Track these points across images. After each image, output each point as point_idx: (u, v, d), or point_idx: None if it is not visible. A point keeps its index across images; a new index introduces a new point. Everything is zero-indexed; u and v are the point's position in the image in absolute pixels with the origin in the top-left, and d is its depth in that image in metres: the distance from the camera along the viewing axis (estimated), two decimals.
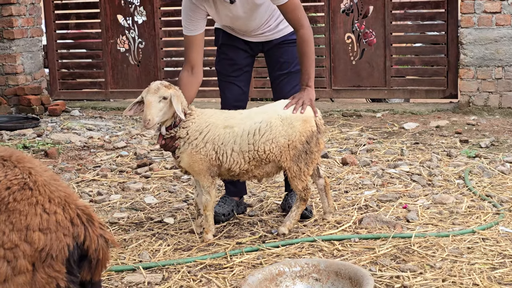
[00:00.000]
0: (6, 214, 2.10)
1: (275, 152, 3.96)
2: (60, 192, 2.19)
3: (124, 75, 9.34)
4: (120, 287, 3.47)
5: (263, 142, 3.95)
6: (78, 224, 2.15)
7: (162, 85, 3.92)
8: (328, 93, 8.76)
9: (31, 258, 2.07)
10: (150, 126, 3.85)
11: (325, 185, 4.32)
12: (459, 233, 3.98)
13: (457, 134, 6.76)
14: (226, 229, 4.27)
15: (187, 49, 4.22)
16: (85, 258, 2.16)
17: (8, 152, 2.27)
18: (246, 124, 3.98)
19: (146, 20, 9.12)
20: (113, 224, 4.44)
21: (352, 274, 3.24)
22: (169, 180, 5.49)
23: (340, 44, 8.58)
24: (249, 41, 4.41)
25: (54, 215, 2.13)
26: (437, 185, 5.00)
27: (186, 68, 4.21)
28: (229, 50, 4.45)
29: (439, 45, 8.45)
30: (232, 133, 3.97)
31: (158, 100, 3.87)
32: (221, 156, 3.97)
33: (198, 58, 4.22)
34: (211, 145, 3.96)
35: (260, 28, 4.31)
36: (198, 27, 4.19)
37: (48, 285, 2.08)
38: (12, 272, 2.05)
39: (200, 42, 4.22)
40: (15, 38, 8.71)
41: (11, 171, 2.19)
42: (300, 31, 4.11)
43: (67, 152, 6.58)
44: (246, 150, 3.95)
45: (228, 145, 3.96)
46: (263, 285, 3.23)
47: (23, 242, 2.07)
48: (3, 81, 8.83)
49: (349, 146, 6.41)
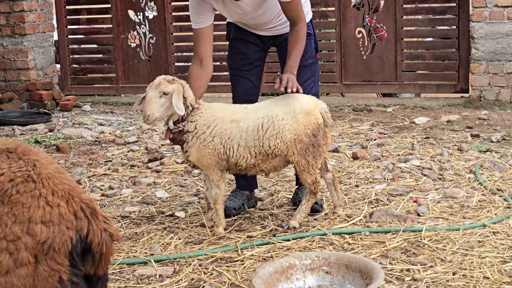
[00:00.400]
0: (9, 206, 2.11)
1: (281, 147, 3.96)
2: (64, 185, 2.20)
3: (135, 70, 9.36)
4: (132, 280, 3.49)
5: (267, 138, 3.94)
6: (81, 218, 2.15)
7: (165, 80, 3.90)
8: (339, 88, 8.75)
9: (33, 250, 2.08)
10: (150, 121, 3.84)
11: (333, 179, 4.32)
12: (469, 227, 3.98)
13: (468, 128, 6.75)
14: (237, 223, 4.29)
15: (196, 42, 4.23)
16: (89, 251, 2.16)
17: (15, 144, 2.28)
18: (250, 119, 3.99)
19: (157, 15, 9.15)
20: (124, 218, 4.46)
21: (363, 267, 3.25)
22: (180, 175, 5.51)
23: (351, 38, 8.57)
24: (261, 35, 4.41)
25: (57, 208, 2.13)
26: (448, 179, 5.00)
27: (195, 62, 4.22)
28: (240, 44, 4.45)
29: (450, 40, 8.42)
30: (238, 128, 3.97)
31: (158, 95, 3.86)
32: (228, 151, 3.98)
33: (207, 51, 4.22)
34: (218, 139, 3.97)
35: (271, 22, 4.31)
36: (205, 20, 4.19)
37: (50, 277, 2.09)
38: (14, 264, 2.06)
39: (208, 35, 4.22)
40: (26, 33, 8.75)
41: (15, 163, 2.19)
42: (299, 24, 4.12)
43: (79, 146, 6.61)
44: (252, 145, 3.96)
45: (235, 140, 3.97)
46: (273, 278, 3.25)
47: (25, 234, 2.08)
48: (15, 77, 8.88)
49: (359, 140, 6.41)
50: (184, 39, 9.30)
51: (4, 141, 2.32)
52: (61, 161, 6.02)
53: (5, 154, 2.23)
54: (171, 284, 3.41)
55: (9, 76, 8.90)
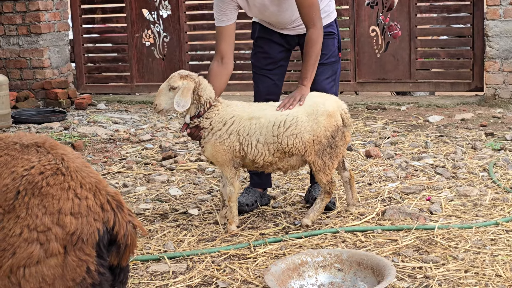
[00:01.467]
0: (40, 198, 2.16)
1: (299, 147, 3.98)
2: (91, 178, 2.25)
3: (149, 69, 9.40)
4: (146, 276, 3.52)
5: (287, 136, 3.97)
6: (108, 210, 2.21)
7: (178, 75, 4.03)
8: (353, 86, 8.75)
9: (62, 241, 2.13)
10: (157, 111, 4.05)
11: (350, 178, 4.33)
12: (482, 225, 3.98)
13: (482, 127, 6.73)
14: (249, 220, 4.31)
15: (218, 40, 4.25)
16: (114, 243, 2.21)
17: (42, 139, 2.34)
18: (272, 115, 4.01)
19: (171, 14, 9.18)
20: (138, 215, 4.49)
21: (374, 264, 3.26)
22: (194, 172, 5.54)
23: (364, 37, 8.56)
24: (286, 34, 4.42)
25: (85, 200, 2.18)
26: (461, 177, 4.99)
27: (216, 59, 4.25)
28: (264, 44, 4.47)
29: (464, 38, 8.39)
30: (259, 124, 4.00)
31: (167, 88, 4.01)
32: (245, 147, 4.00)
33: (229, 49, 4.25)
34: (235, 136, 4.00)
35: (295, 21, 4.31)
36: (229, 18, 4.22)
37: (78, 267, 2.13)
38: (45, 254, 2.11)
39: (231, 33, 4.25)
40: (42, 32, 8.82)
41: (44, 157, 2.25)
42: (310, 30, 4.12)
43: (93, 145, 6.66)
44: (270, 142, 3.98)
45: (254, 136, 3.99)
46: (285, 274, 3.27)
47: (55, 225, 2.13)
48: (30, 75, 8.95)
49: (373, 139, 6.41)
50: (198, 38, 9.34)
51: (31, 135, 2.39)
52: None
53: (34, 148, 2.29)
54: (184, 280, 3.44)
55: (25, 75, 8.98)
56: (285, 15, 4.26)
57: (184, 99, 3.95)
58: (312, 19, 4.10)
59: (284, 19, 4.29)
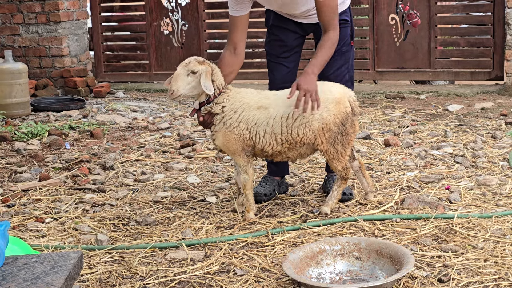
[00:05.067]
0: None
1: (309, 136, 3.96)
2: None
3: (168, 58, 9.41)
4: (164, 263, 3.53)
5: (296, 126, 3.94)
6: None
7: (195, 60, 3.98)
8: (371, 75, 8.70)
9: None
10: (174, 97, 3.94)
11: (360, 166, 4.32)
12: (502, 214, 3.94)
13: (503, 116, 6.67)
14: (267, 208, 4.31)
15: (231, 29, 4.24)
16: None
17: None
18: (280, 106, 3.98)
19: (190, 2, 9.17)
20: (156, 203, 4.51)
21: (393, 253, 3.25)
22: (212, 161, 5.54)
23: (383, 25, 8.51)
24: (301, 22, 4.39)
25: None
26: (480, 166, 4.95)
27: (228, 48, 4.23)
28: (279, 32, 4.44)
29: (485, 26, 8.31)
30: (267, 114, 3.97)
31: (186, 73, 3.94)
32: (254, 137, 3.99)
33: (241, 39, 4.23)
34: (244, 124, 3.98)
35: (311, 10, 4.27)
36: (244, 8, 4.19)
37: None
38: None
39: (245, 23, 4.23)
40: (61, 20, 8.85)
41: None
42: (330, 32, 4.04)
43: (112, 132, 6.68)
44: (279, 133, 3.96)
45: (261, 126, 3.97)
46: (303, 262, 3.26)
47: None
48: (49, 64, 8.99)
49: (392, 127, 6.38)
50: (217, 26, 9.32)
51: None
52: (95, 146, 6.10)
53: None
54: (202, 267, 3.45)
55: (44, 63, 9.02)
56: (302, 7, 4.23)
57: (209, 82, 3.95)
58: (331, 22, 4.04)
59: (300, 10, 4.25)
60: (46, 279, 2.34)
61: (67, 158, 5.61)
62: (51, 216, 4.32)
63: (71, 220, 4.25)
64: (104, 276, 3.39)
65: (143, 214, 4.29)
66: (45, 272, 2.41)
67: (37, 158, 5.67)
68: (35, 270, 2.43)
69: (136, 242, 3.83)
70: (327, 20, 4.05)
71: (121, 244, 3.79)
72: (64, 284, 2.33)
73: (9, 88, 7.59)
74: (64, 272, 2.39)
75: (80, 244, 3.83)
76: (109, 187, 4.90)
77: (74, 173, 5.22)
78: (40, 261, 2.51)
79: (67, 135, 6.53)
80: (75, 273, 2.47)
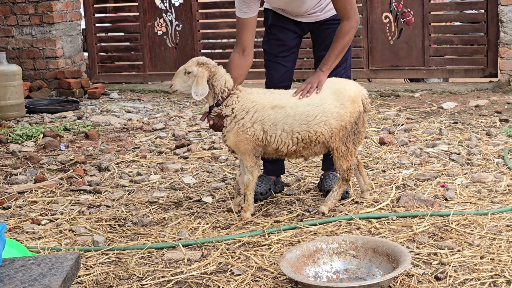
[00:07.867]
0: None
1: (326, 134, 3.97)
2: None
3: (162, 58, 9.41)
4: (161, 264, 3.53)
5: (316, 124, 3.95)
6: None
7: (196, 60, 4.07)
8: (366, 73, 8.71)
9: None
10: (171, 91, 4.13)
11: (357, 164, 4.33)
12: (498, 211, 3.95)
13: (497, 113, 6.69)
14: (264, 208, 4.31)
15: (240, 31, 4.23)
16: None
17: None
18: (298, 104, 3.98)
19: (183, 2, 9.17)
20: (152, 204, 4.50)
21: (390, 251, 3.25)
22: (207, 161, 5.54)
23: (377, 24, 8.52)
24: (300, 21, 4.40)
25: None
26: (476, 164, 4.97)
27: (237, 50, 4.23)
28: (278, 31, 4.44)
29: (478, 24, 8.33)
30: (284, 112, 3.97)
31: (183, 71, 4.06)
32: (269, 137, 3.98)
33: (250, 41, 4.23)
34: (259, 125, 3.98)
35: (312, 9, 4.28)
36: (252, 10, 4.19)
37: None
38: None
39: (253, 25, 4.23)
40: (54, 22, 8.83)
41: None
42: (344, 22, 4.08)
43: (107, 134, 6.68)
44: (297, 131, 3.96)
45: (279, 126, 3.97)
46: (300, 261, 3.26)
47: None
48: (43, 65, 8.98)
49: (387, 126, 6.39)
50: (211, 26, 9.32)
51: None
52: (90, 148, 6.09)
53: None
54: (199, 267, 3.45)
55: (38, 65, 9.00)
56: (306, 5, 4.23)
57: (200, 87, 3.97)
58: (347, 12, 4.06)
59: (304, 8, 4.26)
60: (44, 281, 2.34)
61: (62, 160, 5.60)
62: (47, 217, 4.32)
63: (67, 221, 4.24)
64: (101, 277, 3.39)
65: (139, 215, 4.29)
66: (43, 274, 2.40)
67: (32, 160, 5.66)
68: (32, 272, 2.42)
69: (133, 243, 3.83)
70: (341, 10, 4.09)
71: (118, 245, 3.79)
72: (61, 285, 2.32)
73: (3, 90, 7.57)
74: (62, 274, 2.39)
75: (77, 245, 3.83)
76: (104, 188, 4.89)
77: (70, 175, 5.21)
78: (37, 263, 2.51)
79: (62, 137, 6.52)
80: (72, 275, 2.46)
